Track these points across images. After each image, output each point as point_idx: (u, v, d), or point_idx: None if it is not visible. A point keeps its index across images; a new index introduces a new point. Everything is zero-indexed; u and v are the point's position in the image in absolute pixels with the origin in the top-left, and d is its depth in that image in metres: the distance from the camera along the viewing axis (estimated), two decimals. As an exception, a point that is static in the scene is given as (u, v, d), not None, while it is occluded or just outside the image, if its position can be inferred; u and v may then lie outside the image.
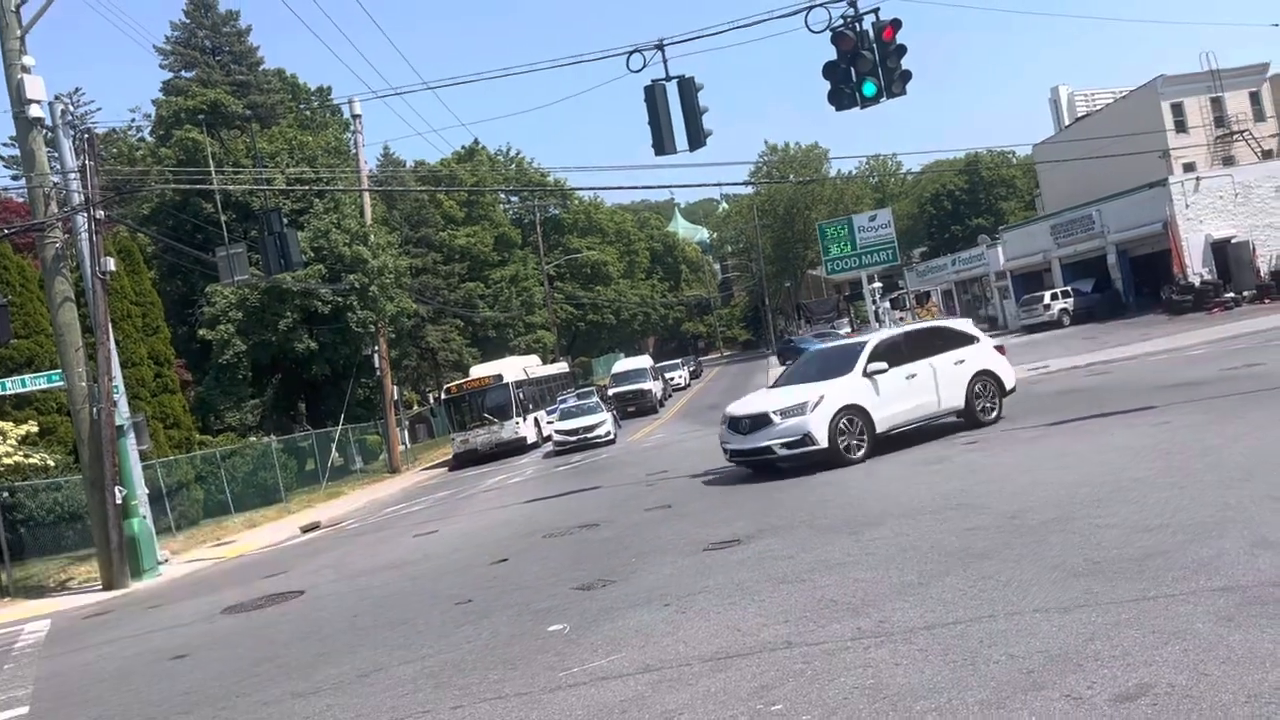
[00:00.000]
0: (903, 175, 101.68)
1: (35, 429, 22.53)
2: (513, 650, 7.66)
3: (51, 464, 22.83)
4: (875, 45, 14.82)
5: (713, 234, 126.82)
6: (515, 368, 39.87)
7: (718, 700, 5.67)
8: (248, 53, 49.02)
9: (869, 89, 14.92)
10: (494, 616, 9.03)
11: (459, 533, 16.28)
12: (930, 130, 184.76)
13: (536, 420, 38.49)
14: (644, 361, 52.28)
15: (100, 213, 18.96)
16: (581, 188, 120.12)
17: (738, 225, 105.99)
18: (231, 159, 39.60)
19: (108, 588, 17.54)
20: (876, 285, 38.72)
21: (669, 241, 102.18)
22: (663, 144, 15.59)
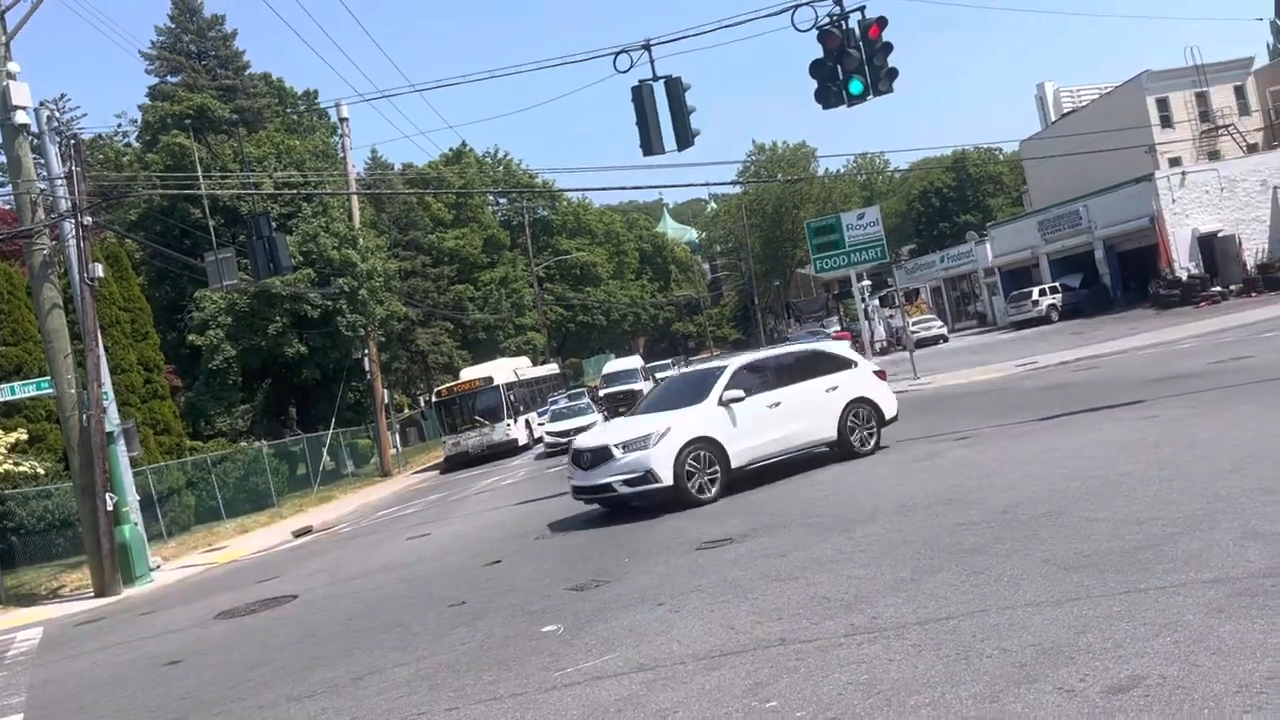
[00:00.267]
0: (890, 173, 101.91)
1: (25, 437, 22.42)
2: (507, 651, 7.66)
3: (42, 472, 22.75)
4: (861, 43, 14.88)
5: (701, 234, 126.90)
6: (506, 370, 39.88)
7: (712, 698, 5.69)
8: (234, 57, 48.89)
9: (856, 87, 14.97)
10: (488, 618, 9.03)
11: (452, 535, 16.28)
12: (917, 128, 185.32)
13: (528, 422, 38.48)
14: (635, 362, 52.24)
15: (88, 219, 18.88)
16: (570, 189, 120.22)
17: (726, 225, 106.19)
18: (219, 164, 39.51)
19: (100, 595, 17.47)
20: (865, 283, 38.81)
21: (658, 242, 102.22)
22: (650, 144, 15.62)
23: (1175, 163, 47.14)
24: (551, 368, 54.33)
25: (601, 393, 44.62)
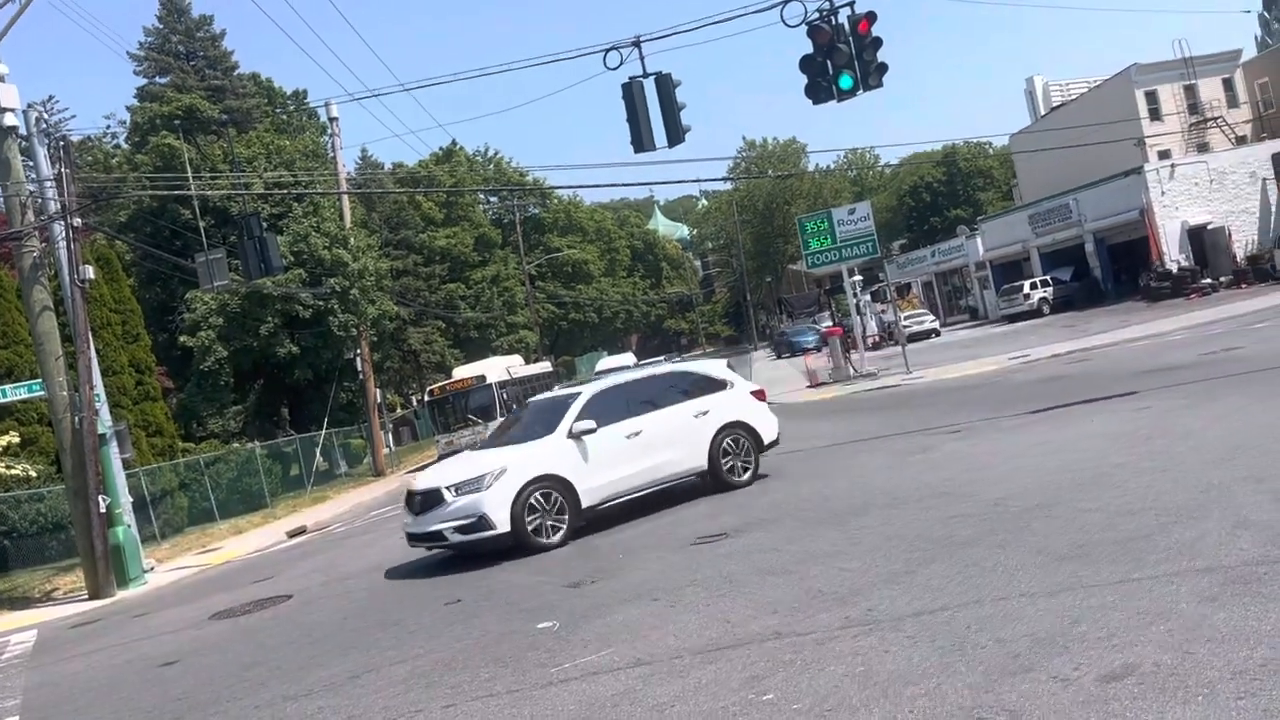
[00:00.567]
0: (881, 168, 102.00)
1: (16, 440, 22.32)
2: (503, 648, 7.67)
3: (34, 474, 22.64)
4: (851, 38, 14.87)
5: (693, 231, 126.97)
6: (498, 368, 39.77)
7: (709, 691, 5.70)
8: (222, 57, 48.77)
9: (846, 82, 14.96)
10: (483, 616, 9.04)
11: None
12: (907, 123, 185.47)
13: (521, 420, 38.37)
14: (627, 359, 52.11)
15: (77, 221, 18.81)
16: (561, 186, 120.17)
17: (717, 221, 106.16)
18: (209, 164, 39.40)
19: (94, 597, 17.41)
20: (857, 278, 38.71)
21: (649, 239, 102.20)
22: (641, 141, 15.59)
23: (1164, 155, 47.29)
24: (544, 366, 54.16)
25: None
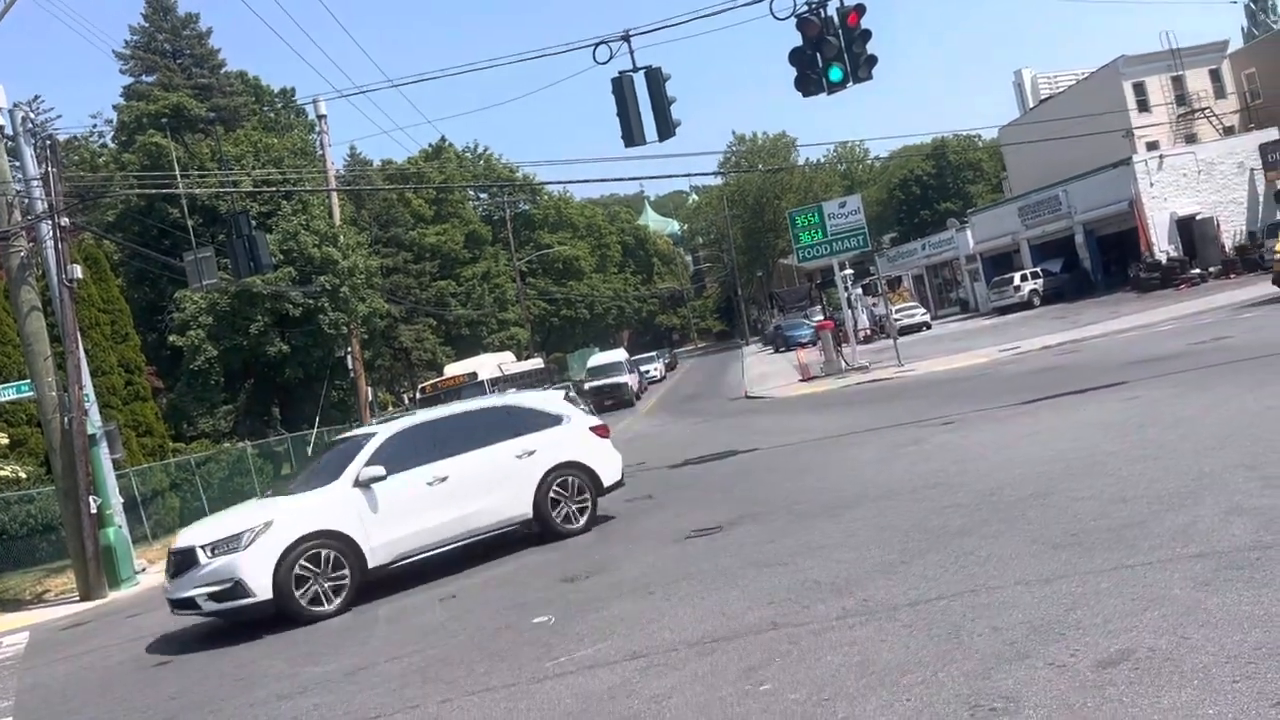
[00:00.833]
0: (870, 162, 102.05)
1: (5, 441, 22.25)
2: (499, 643, 7.66)
3: (24, 476, 22.55)
4: (840, 30, 14.85)
5: (684, 226, 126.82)
6: (490, 365, 39.75)
7: (706, 683, 5.70)
8: (209, 55, 48.50)
9: (835, 74, 14.93)
10: (478, 611, 9.03)
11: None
12: (896, 116, 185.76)
13: (514, 417, 38.31)
14: (619, 355, 52.22)
15: (65, 220, 18.70)
16: (551, 181, 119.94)
17: (708, 216, 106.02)
18: (196, 163, 39.19)
19: (85, 598, 17.33)
20: (848, 272, 38.82)
21: (640, 235, 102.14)
22: (632, 135, 15.55)
23: (1153, 147, 47.36)
24: (536, 362, 54.09)
25: (587, 386, 44.57)
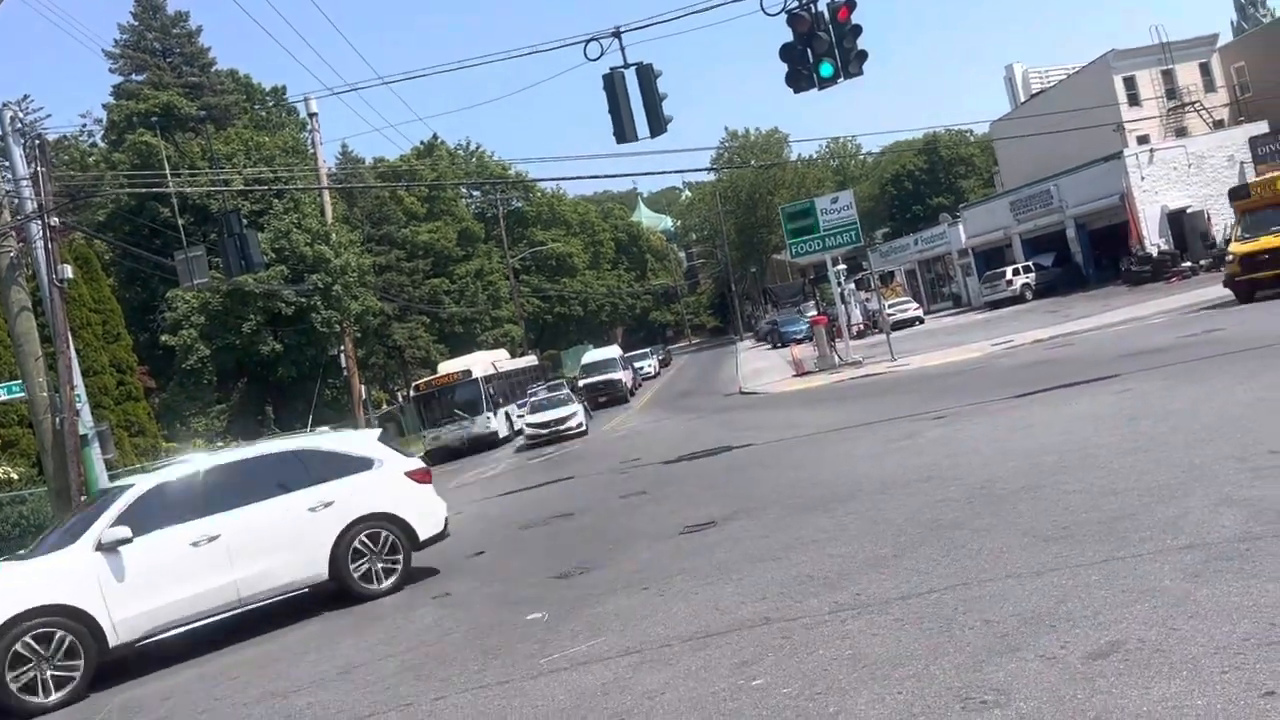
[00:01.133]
0: (862, 157, 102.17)
1: (-3, 442, 22.20)
2: (492, 640, 7.66)
3: (15, 477, 22.46)
4: (831, 26, 14.85)
5: (677, 222, 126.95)
6: (484, 362, 39.70)
7: (699, 678, 5.71)
8: (199, 54, 48.43)
9: (826, 70, 14.94)
10: (473, 608, 9.04)
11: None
12: (888, 112, 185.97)
13: (508, 414, 38.35)
14: (613, 352, 52.22)
15: (55, 220, 18.63)
16: (543, 179, 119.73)
17: (701, 213, 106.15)
18: (187, 162, 39.13)
19: (79, 599, 17.31)
20: (841, 267, 38.75)
21: (633, 231, 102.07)
22: (624, 132, 15.55)
23: (1143, 140, 47.49)
24: (530, 359, 54.18)
25: (581, 383, 44.53)
